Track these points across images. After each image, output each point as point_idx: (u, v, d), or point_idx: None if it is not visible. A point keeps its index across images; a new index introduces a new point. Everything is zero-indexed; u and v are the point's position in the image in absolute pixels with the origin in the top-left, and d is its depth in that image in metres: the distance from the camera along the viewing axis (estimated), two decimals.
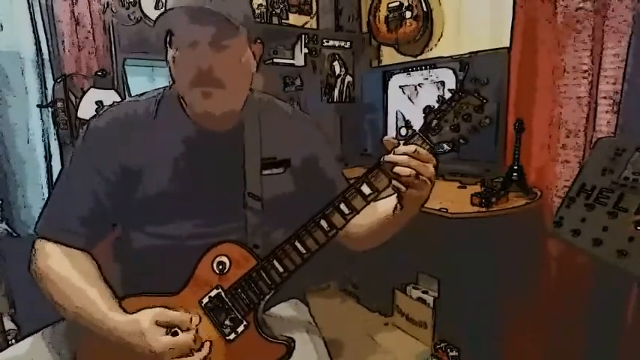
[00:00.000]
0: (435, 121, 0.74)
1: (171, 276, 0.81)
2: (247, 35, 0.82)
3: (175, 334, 0.75)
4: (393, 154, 0.73)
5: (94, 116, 0.90)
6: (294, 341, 0.82)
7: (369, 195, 0.75)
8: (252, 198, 0.87)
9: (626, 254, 0.94)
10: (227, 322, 0.80)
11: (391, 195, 0.79)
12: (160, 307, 0.76)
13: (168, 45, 0.80)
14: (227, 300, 0.80)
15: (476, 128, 0.74)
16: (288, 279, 0.79)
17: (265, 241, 0.86)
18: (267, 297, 0.80)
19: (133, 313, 0.76)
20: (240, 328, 0.80)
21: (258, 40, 0.88)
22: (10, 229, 1.66)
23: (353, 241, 0.94)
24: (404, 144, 0.74)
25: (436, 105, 0.75)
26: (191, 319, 0.77)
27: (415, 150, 0.71)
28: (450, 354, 1.62)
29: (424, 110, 0.76)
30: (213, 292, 0.80)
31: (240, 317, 0.80)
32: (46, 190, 1.79)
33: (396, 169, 0.71)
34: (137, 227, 0.87)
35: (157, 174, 0.85)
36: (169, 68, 0.83)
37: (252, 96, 0.95)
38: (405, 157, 0.71)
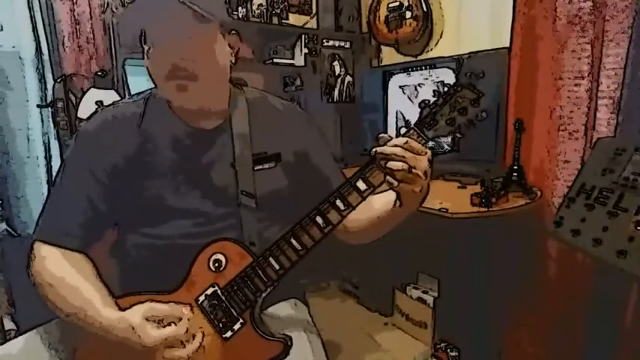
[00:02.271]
0: (430, 115, 0.74)
1: (167, 275, 0.81)
2: (219, 25, 0.82)
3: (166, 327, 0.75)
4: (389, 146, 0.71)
5: (85, 120, 0.92)
6: (291, 339, 0.82)
7: (365, 191, 0.74)
8: (245, 195, 0.87)
9: (626, 254, 0.94)
10: (223, 320, 0.80)
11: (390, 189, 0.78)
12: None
13: (143, 44, 0.81)
14: (223, 298, 0.80)
15: (472, 122, 0.74)
16: (284, 276, 0.79)
17: (261, 238, 0.86)
18: (264, 294, 0.80)
19: None
20: (237, 326, 0.80)
21: (233, 31, 0.87)
22: (10, 229, 1.66)
23: (351, 236, 0.93)
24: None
25: (432, 99, 0.75)
26: (181, 310, 0.77)
27: (406, 141, 0.70)
28: (450, 354, 1.62)
29: (420, 105, 0.75)
30: (210, 290, 0.81)
31: (236, 315, 0.80)
32: (46, 190, 1.79)
33: (389, 163, 0.70)
34: (131, 228, 0.88)
35: (148, 175, 0.85)
36: (146, 67, 0.83)
37: (240, 92, 0.95)
38: (397, 148, 0.70)
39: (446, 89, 0.75)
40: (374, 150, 0.72)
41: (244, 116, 0.92)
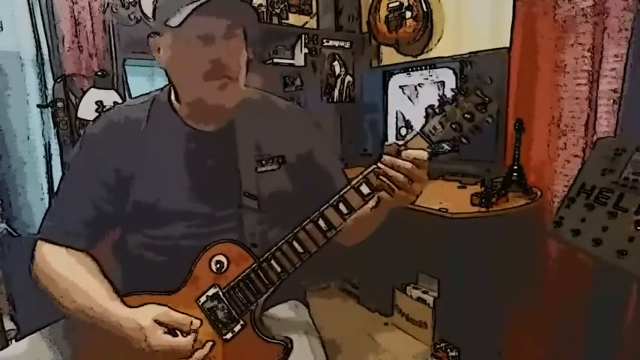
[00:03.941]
0: (436, 120, 0.74)
1: (169, 275, 0.81)
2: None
3: (175, 334, 0.75)
4: (401, 157, 0.72)
5: (90, 123, 0.93)
6: (291, 341, 0.82)
7: (368, 194, 0.75)
8: (247, 197, 0.87)
9: (626, 254, 0.94)
10: (224, 321, 0.80)
11: None
12: (159, 304, 0.77)
13: (163, 42, 0.81)
14: (224, 299, 0.80)
15: (478, 127, 0.74)
16: (285, 279, 0.79)
17: (263, 240, 0.86)
18: (265, 296, 0.80)
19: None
20: (237, 328, 0.80)
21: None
22: (10, 229, 1.65)
23: (341, 235, 0.94)
24: (403, 145, 0.73)
25: (438, 104, 0.75)
26: (191, 322, 0.77)
27: (415, 158, 0.71)
28: (450, 354, 1.62)
29: (426, 109, 0.75)
30: (211, 291, 0.81)
31: (237, 316, 0.80)
32: (46, 190, 1.80)
33: (392, 173, 0.72)
34: (135, 229, 0.88)
35: (152, 177, 0.86)
36: (167, 67, 0.83)
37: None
38: (407, 163, 0.71)
39: (453, 94, 0.74)
40: (384, 158, 0.73)
41: (247, 117, 0.91)
